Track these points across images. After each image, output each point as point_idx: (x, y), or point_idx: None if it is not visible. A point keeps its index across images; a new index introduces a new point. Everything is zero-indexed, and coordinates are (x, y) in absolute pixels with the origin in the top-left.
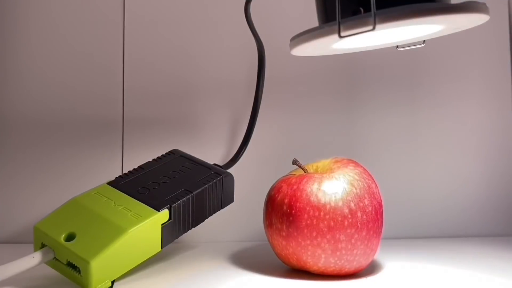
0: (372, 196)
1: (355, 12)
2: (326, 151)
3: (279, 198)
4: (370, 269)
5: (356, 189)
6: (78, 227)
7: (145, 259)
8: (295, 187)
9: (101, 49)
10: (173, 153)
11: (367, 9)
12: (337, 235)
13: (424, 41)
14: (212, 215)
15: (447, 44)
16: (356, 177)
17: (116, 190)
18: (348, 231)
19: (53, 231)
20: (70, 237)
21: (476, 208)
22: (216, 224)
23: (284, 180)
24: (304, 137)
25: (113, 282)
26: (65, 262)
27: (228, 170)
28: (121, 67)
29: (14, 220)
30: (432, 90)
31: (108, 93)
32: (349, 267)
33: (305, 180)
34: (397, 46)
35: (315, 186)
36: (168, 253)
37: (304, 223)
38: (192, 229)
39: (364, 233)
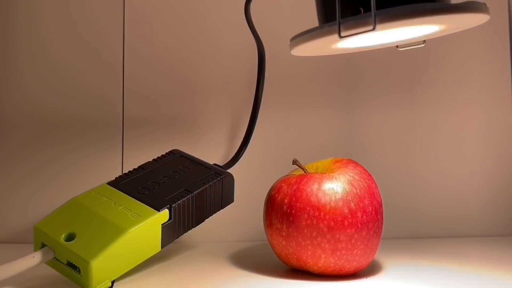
0: (372, 196)
1: (355, 12)
2: (326, 151)
3: (279, 198)
4: (370, 269)
5: (356, 189)
6: (78, 227)
7: (145, 259)
8: (295, 187)
9: (101, 50)
10: (173, 153)
11: (367, 9)
12: (337, 235)
13: (424, 41)
14: (212, 215)
15: (447, 44)
16: (356, 177)
17: (116, 190)
18: (348, 231)
19: (53, 231)
20: (70, 237)
21: (476, 208)
22: (216, 224)
23: (284, 180)
24: (304, 137)
25: (113, 282)
26: (65, 262)
27: (228, 170)
28: (121, 67)
29: (14, 220)
30: (432, 90)
31: (108, 93)
32: (349, 267)
33: (305, 180)
34: (397, 46)
35: (315, 186)
36: (168, 253)
37: (304, 223)
38: (192, 229)
39: (364, 233)
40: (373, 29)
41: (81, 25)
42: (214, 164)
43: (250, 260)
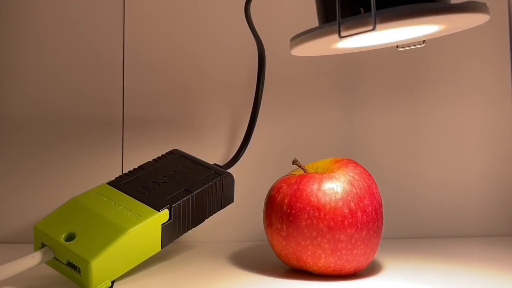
0: (372, 196)
1: (355, 12)
2: (326, 151)
3: (279, 198)
4: (370, 269)
5: (356, 189)
6: (78, 227)
7: (145, 259)
8: (295, 187)
9: (101, 50)
10: (173, 153)
11: (367, 9)
12: (337, 235)
13: (424, 41)
14: (212, 215)
15: (447, 44)
16: (356, 177)
17: (116, 190)
18: (348, 231)
19: (53, 231)
20: (70, 237)
21: (477, 208)
22: (216, 224)
23: (284, 180)
24: (304, 137)
25: (113, 282)
26: (65, 262)
27: (228, 170)
28: (121, 67)
29: (14, 220)
30: (432, 90)
31: (108, 93)
32: (349, 267)
33: (305, 180)
34: (397, 46)
35: (315, 186)
36: (168, 253)
37: (304, 223)
38: (192, 229)
39: (364, 233)
40: (373, 29)
41: (81, 25)
42: (214, 164)
43: (250, 260)
